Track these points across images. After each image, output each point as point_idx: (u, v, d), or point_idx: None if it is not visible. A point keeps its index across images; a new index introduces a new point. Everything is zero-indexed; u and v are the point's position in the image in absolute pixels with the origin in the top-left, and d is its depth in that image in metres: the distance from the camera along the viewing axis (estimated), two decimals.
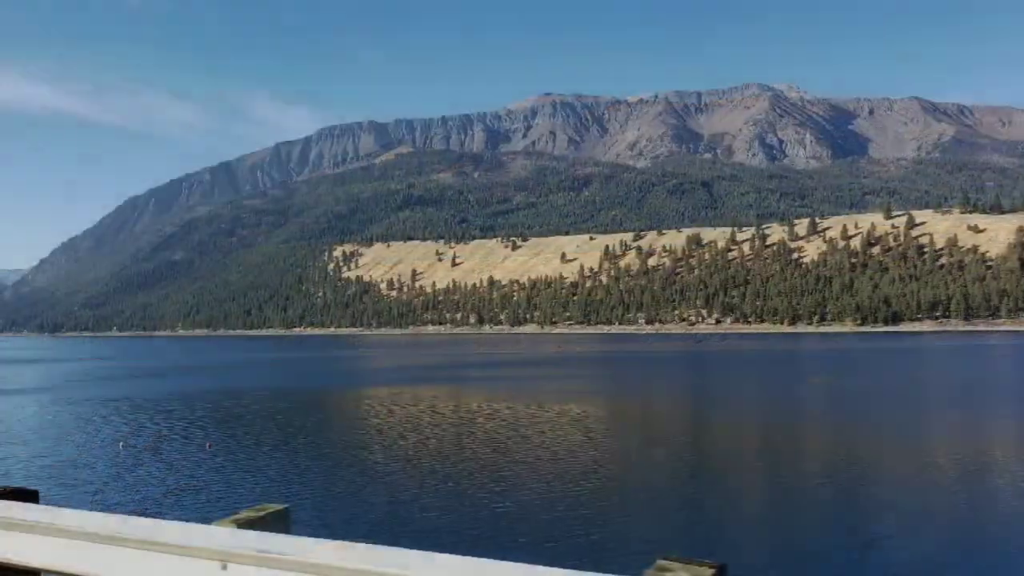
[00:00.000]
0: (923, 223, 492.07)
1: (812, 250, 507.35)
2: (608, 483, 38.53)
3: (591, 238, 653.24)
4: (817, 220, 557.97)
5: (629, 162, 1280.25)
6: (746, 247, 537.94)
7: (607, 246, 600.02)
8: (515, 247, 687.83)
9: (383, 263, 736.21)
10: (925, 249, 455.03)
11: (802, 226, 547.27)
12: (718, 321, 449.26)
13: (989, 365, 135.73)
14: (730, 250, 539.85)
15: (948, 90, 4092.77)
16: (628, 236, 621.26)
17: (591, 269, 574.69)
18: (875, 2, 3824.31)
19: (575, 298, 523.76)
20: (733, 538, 29.32)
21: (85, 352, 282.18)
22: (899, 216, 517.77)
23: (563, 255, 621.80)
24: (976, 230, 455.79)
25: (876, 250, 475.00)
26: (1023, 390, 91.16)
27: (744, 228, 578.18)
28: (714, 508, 33.75)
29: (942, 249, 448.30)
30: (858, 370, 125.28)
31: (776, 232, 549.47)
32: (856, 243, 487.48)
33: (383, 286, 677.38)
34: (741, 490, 37.41)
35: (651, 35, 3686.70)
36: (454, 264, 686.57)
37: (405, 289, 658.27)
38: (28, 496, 6.54)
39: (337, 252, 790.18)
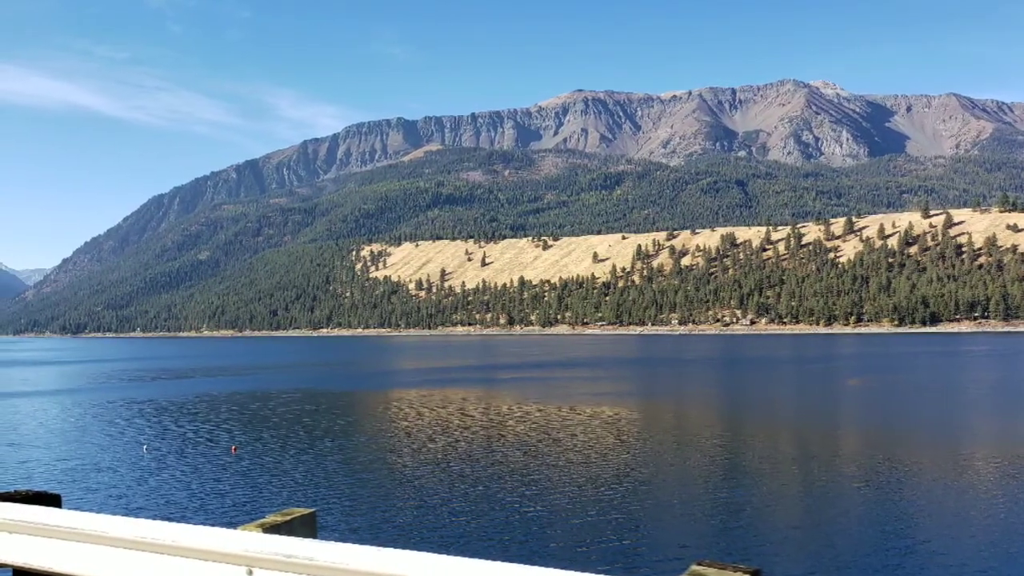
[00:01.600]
0: (961, 222, 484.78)
1: (849, 250, 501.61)
2: (641, 487, 37.78)
3: (623, 237, 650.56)
4: (854, 219, 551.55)
5: (662, 160, 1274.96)
6: (781, 247, 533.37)
7: (639, 246, 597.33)
8: (546, 247, 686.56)
9: (412, 263, 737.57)
10: (963, 248, 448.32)
11: (838, 225, 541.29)
12: (752, 322, 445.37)
13: None
14: (765, 249, 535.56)
15: (987, 86, 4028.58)
16: (661, 235, 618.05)
17: (623, 269, 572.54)
18: None
19: (607, 299, 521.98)
20: (769, 543, 28.68)
21: (108, 353, 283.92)
22: (937, 215, 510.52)
23: (595, 255, 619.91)
24: (1015, 229, 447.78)
25: (914, 249, 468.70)
26: None
27: (779, 227, 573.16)
28: (749, 512, 32.99)
29: (981, 248, 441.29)
30: (896, 372, 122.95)
31: (812, 231, 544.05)
32: (893, 242, 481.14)
33: (412, 286, 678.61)
34: (777, 494, 36.54)
35: (684, 30, 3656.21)
36: (484, 264, 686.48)
37: (434, 289, 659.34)
38: (50, 500, 6.53)
39: (365, 252, 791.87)
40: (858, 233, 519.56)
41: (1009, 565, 25.85)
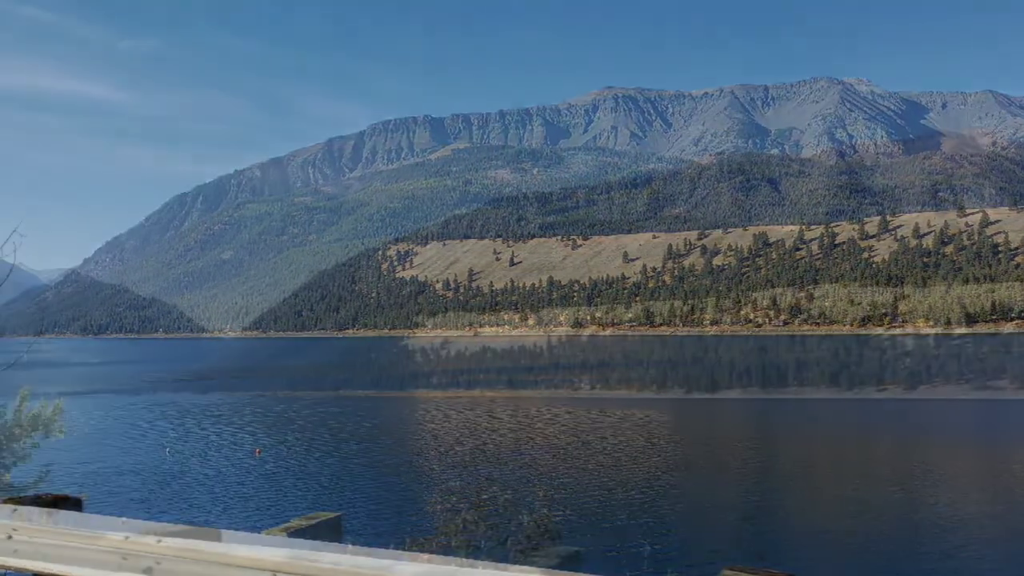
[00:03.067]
0: (998, 221, 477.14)
1: (883, 249, 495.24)
2: (672, 490, 37.38)
3: (654, 237, 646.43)
4: (888, 218, 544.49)
5: (693, 158, 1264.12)
6: (815, 246, 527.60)
7: (670, 245, 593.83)
8: (575, 246, 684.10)
9: (439, 262, 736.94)
10: (1000, 248, 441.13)
11: (872, 224, 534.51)
12: (785, 323, 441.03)
13: None
14: (798, 249, 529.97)
15: None
16: (692, 235, 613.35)
17: (654, 269, 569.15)
18: None
19: (637, 299, 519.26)
20: (801, 548, 28.53)
21: (130, 355, 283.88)
22: (973, 214, 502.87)
23: (625, 254, 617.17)
24: None
25: (949, 249, 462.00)
26: None
27: (812, 226, 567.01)
28: (781, 517, 32.75)
29: (1018, 248, 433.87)
30: (932, 373, 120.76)
31: (846, 230, 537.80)
32: (929, 242, 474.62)
33: (439, 286, 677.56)
34: (809, 498, 36.19)
35: (716, 27, 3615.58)
36: (512, 263, 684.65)
37: (461, 289, 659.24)
38: (72, 503, 6.54)
39: (391, 251, 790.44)
40: (892, 232, 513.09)
41: None
